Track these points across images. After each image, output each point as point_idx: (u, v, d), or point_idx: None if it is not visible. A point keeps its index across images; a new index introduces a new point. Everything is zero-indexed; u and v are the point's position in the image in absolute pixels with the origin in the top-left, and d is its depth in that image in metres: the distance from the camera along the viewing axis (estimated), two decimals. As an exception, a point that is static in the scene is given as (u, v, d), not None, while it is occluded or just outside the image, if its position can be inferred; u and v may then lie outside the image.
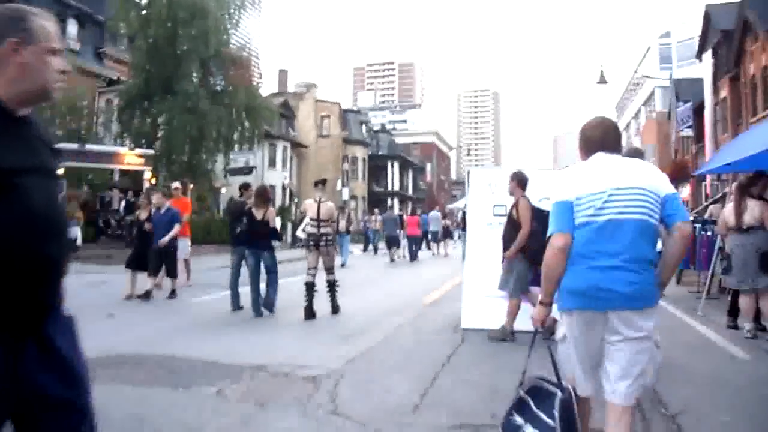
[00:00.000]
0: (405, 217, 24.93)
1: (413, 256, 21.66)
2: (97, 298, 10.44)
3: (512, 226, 6.57)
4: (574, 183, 2.86)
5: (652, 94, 45.31)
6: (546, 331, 3.12)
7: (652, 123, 43.22)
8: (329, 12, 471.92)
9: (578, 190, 2.82)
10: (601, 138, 3.00)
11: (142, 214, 10.97)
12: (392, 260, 21.29)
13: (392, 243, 21.88)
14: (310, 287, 8.24)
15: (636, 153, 5.82)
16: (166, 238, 10.12)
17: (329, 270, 8.57)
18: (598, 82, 28.23)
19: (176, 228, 10.33)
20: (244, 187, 9.92)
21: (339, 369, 5.29)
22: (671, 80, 28.77)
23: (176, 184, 13.19)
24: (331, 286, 8.60)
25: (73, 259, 18.63)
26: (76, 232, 19.85)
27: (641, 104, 49.94)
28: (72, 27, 30.07)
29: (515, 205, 6.62)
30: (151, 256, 10.31)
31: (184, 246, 11.85)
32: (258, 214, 8.65)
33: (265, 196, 9.02)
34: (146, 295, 9.97)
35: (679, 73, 32.08)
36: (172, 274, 10.52)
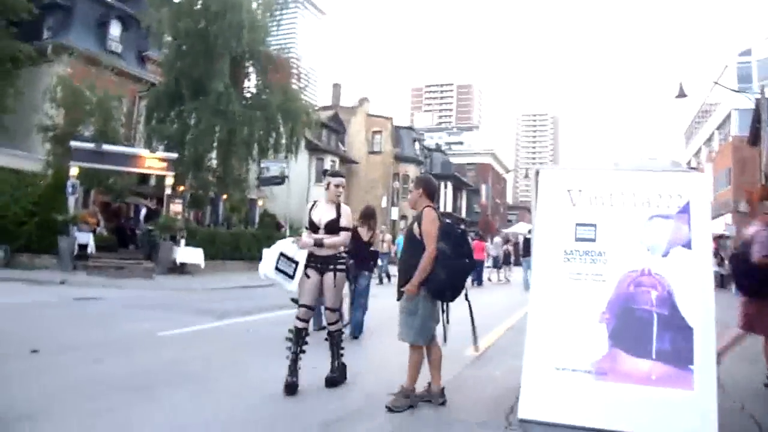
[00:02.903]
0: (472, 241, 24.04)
1: (477, 281, 21.20)
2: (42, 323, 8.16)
3: (413, 247, 4.79)
4: None
5: (728, 117, 41.84)
6: None
7: (728, 147, 39.83)
8: (390, 32, 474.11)
9: None
10: None
11: None
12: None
13: None
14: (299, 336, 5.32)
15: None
16: None
17: (332, 311, 5.49)
18: (677, 97, 25.28)
19: None
20: None
21: None
22: (763, 96, 25.35)
23: None
24: (333, 337, 5.53)
25: (81, 268, 16.97)
26: (87, 239, 17.96)
27: (714, 128, 46.37)
28: (115, 29, 28.88)
29: (417, 218, 4.87)
30: None
31: None
32: (364, 235, 8.26)
33: (372, 216, 8.53)
34: None
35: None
36: None
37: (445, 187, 57.30)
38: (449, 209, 56.89)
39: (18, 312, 9.65)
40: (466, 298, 4.89)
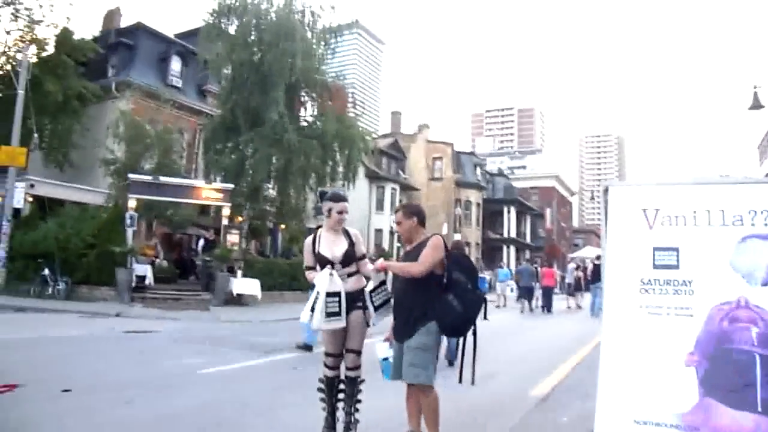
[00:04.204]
0: (540, 269, 24.99)
1: (547, 308, 21.99)
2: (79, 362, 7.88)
3: (421, 281, 4.17)
4: None
5: (806, 125, 39.50)
6: None
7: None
8: (449, 58, 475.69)
9: None
10: None
11: None
12: (531, 310, 21.68)
13: (526, 294, 22.24)
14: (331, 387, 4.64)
15: None
16: None
17: (356, 354, 4.60)
18: (750, 108, 23.71)
19: None
20: None
21: None
22: None
23: None
24: (354, 386, 4.61)
25: (138, 299, 16.99)
26: (145, 270, 18.03)
27: (792, 139, 43.87)
28: (175, 64, 29.69)
29: (422, 243, 4.29)
30: None
31: None
32: None
33: (461, 250, 8.21)
34: None
35: None
36: None
37: (509, 211, 56.03)
38: (513, 234, 55.58)
39: (64, 346, 9.46)
40: (474, 332, 4.34)
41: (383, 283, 4.46)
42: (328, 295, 4.30)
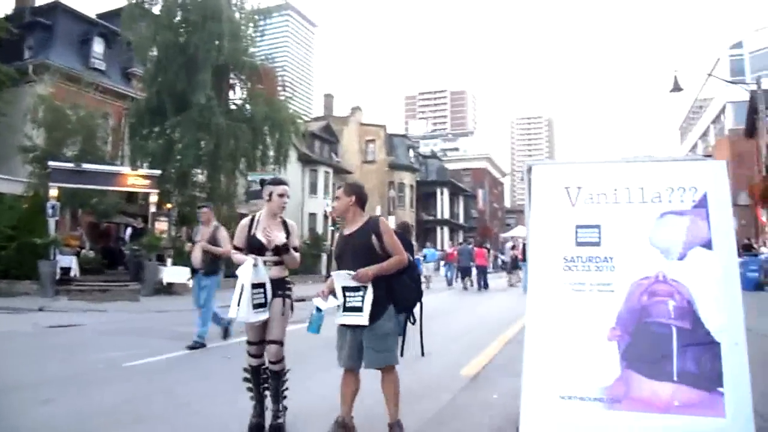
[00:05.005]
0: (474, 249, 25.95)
1: (484, 285, 23.09)
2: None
3: (374, 261, 4.09)
4: None
5: (723, 110, 41.56)
6: None
7: (724, 141, 39.26)
8: (381, 41, 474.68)
9: None
10: None
11: None
12: (465, 288, 23.06)
13: (465, 273, 23.76)
14: (257, 375, 4.64)
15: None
16: None
17: (279, 345, 4.51)
18: (671, 91, 24.73)
19: None
20: None
21: None
22: (759, 87, 24.85)
23: None
24: (278, 377, 4.55)
25: (64, 292, 16.28)
26: (69, 262, 17.31)
27: (710, 122, 46.07)
28: (98, 46, 28.36)
29: (372, 230, 4.19)
30: None
31: None
32: None
33: (408, 231, 8.39)
34: None
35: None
36: None
37: (442, 193, 56.68)
38: (446, 216, 56.29)
39: (-21, 345, 8.97)
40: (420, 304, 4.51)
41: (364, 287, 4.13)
42: (254, 286, 4.23)
